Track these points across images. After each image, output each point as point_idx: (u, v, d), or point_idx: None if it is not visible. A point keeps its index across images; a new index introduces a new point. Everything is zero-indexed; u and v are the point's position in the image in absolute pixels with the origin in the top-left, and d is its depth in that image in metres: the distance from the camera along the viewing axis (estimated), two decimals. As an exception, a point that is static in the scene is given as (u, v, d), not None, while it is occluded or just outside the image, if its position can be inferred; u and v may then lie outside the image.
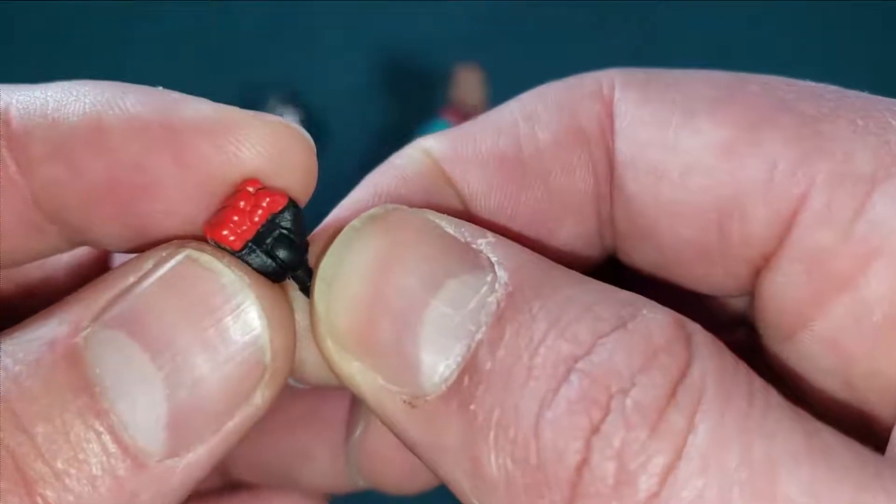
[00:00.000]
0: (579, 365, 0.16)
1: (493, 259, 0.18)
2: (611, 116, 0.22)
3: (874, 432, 0.19)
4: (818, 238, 0.19)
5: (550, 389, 0.16)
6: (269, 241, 0.19)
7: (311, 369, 0.20)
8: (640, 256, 0.22)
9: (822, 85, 0.20)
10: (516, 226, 0.22)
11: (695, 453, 0.15)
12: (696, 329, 0.17)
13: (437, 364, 0.17)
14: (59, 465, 0.16)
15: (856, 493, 0.15)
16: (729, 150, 0.20)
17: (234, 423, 0.18)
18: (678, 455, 0.15)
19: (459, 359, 0.17)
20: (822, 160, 0.19)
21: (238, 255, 0.19)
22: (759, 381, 0.16)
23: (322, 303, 0.18)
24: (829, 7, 0.99)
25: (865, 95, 0.20)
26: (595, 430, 0.16)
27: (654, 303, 0.17)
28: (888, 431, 0.18)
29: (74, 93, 0.19)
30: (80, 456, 0.17)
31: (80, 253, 0.24)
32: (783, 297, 0.20)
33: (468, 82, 0.86)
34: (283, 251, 0.19)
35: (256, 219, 0.19)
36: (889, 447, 0.17)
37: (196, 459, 0.18)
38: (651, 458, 0.16)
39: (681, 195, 0.20)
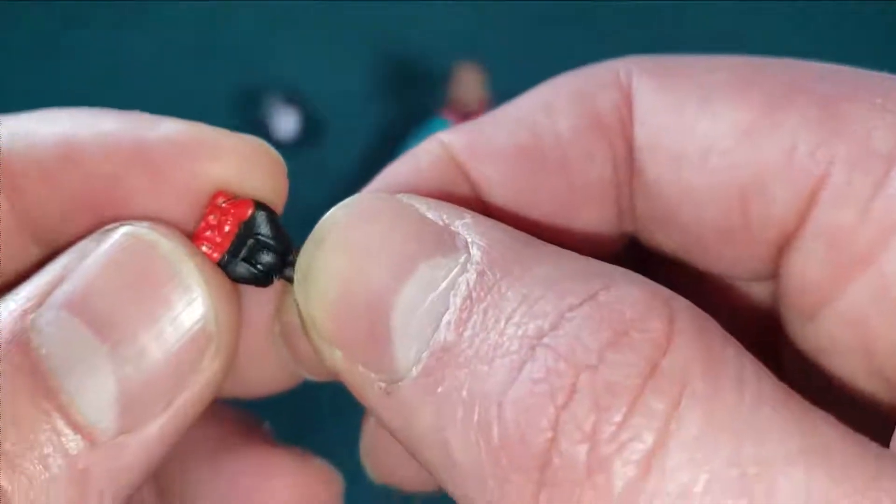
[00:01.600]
0: (545, 340, 0.15)
1: (469, 239, 0.17)
2: (629, 105, 0.22)
3: None
4: (838, 216, 0.19)
5: (514, 367, 0.15)
6: (246, 248, 0.19)
7: (316, 363, 0.20)
8: (664, 241, 0.22)
9: (839, 66, 0.20)
10: (534, 215, 0.22)
11: (679, 444, 0.14)
12: (681, 306, 0.16)
13: (409, 349, 0.17)
14: (9, 446, 0.16)
15: (853, 495, 0.14)
16: (747, 133, 0.20)
17: (186, 396, 0.18)
18: (660, 443, 0.14)
19: (430, 342, 0.16)
20: (840, 140, 0.19)
21: (220, 266, 0.19)
22: (750, 367, 0.15)
23: (301, 298, 0.18)
24: (830, 6, 0.99)
25: (883, 75, 0.20)
26: (561, 410, 0.15)
27: (636, 275, 0.17)
28: None
29: (51, 118, 0.19)
30: (31, 436, 0.16)
31: None
32: (804, 276, 0.20)
33: (468, 82, 0.86)
34: (262, 256, 0.19)
35: (227, 229, 0.19)
36: (894, 439, 0.17)
37: (150, 435, 0.18)
38: (627, 444, 0.14)
39: (701, 178, 0.20)
